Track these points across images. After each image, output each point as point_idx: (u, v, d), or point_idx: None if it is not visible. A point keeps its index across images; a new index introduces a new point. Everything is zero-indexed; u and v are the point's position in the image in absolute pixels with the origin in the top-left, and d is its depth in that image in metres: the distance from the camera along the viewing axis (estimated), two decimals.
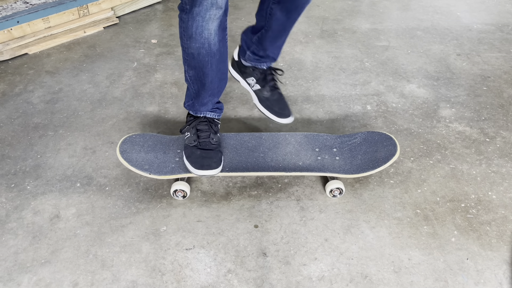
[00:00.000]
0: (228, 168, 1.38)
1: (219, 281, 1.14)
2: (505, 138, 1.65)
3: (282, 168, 1.39)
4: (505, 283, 1.15)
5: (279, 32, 1.41)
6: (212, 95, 1.36)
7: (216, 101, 1.40)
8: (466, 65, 2.12)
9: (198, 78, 1.29)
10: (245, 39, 1.50)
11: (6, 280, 1.13)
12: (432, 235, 1.27)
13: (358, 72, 2.04)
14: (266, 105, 1.51)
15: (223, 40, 1.24)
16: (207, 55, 1.22)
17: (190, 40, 1.19)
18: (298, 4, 1.32)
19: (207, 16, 1.13)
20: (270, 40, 1.43)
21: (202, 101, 1.37)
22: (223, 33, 1.22)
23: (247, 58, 1.50)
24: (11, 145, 1.57)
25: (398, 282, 1.15)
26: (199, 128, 1.39)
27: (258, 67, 1.51)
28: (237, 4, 2.71)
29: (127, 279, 1.14)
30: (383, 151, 1.42)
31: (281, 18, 1.35)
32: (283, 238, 1.26)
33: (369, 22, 2.53)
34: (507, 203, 1.38)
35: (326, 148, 1.47)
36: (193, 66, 1.26)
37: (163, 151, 1.43)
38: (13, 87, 1.88)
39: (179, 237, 1.25)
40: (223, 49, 1.26)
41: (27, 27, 2.12)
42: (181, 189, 1.34)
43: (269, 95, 1.51)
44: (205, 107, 1.39)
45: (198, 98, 1.36)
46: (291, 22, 1.38)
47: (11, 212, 1.32)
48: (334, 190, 1.36)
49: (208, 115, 1.41)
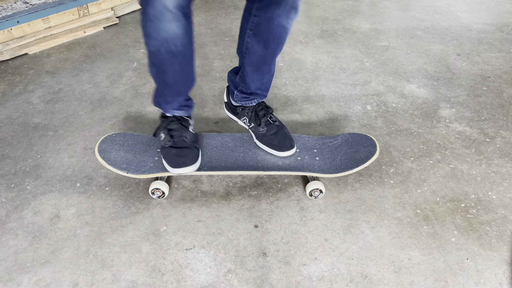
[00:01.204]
0: (206, 167, 1.38)
1: (219, 281, 1.14)
2: (505, 138, 1.65)
3: (261, 167, 1.39)
4: (505, 283, 1.15)
5: (260, 65, 1.35)
6: (177, 94, 1.36)
7: (183, 99, 1.39)
8: (466, 65, 2.12)
9: (160, 75, 1.29)
10: (231, 78, 1.47)
11: (6, 280, 1.13)
12: (432, 235, 1.27)
13: (358, 72, 2.04)
14: (264, 141, 1.45)
15: (187, 43, 1.22)
16: (167, 53, 1.21)
17: (149, 39, 1.19)
18: (276, 34, 1.26)
19: (163, 18, 1.13)
20: (252, 75, 1.38)
21: (166, 99, 1.37)
22: (186, 36, 1.20)
23: (235, 98, 1.47)
24: (11, 145, 1.57)
25: (398, 282, 1.15)
26: (170, 128, 1.38)
27: (247, 105, 1.47)
28: (237, 4, 2.71)
29: (127, 279, 1.14)
30: (363, 151, 1.42)
31: (259, 50, 1.31)
32: (283, 238, 1.26)
33: (369, 22, 2.53)
34: (507, 203, 1.38)
35: (307, 149, 1.47)
36: (153, 63, 1.26)
37: (143, 150, 1.43)
38: (13, 87, 1.88)
39: (179, 237, 1.25)
40: (187, 52, 1.24)
41: (27, 27, 2.12)
42: (157, 188, 1.35)
43: (265, 130, 1.46)
44: (171, 105, 1.38)
45: (162, 96, 1.37)
46: (270, 54, 1.32)
47: (11, 212, 1.32)
48: (314, 191, 1.36)
49: (176, 113, 1.40)
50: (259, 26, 1.26)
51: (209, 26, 2.46)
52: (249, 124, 1.49)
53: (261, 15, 1.24)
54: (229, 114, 1.56)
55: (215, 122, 1.71)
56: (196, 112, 1.76)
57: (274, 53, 1.33)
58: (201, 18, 2.55)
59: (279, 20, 1.23)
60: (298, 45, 2.27)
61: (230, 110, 1.54)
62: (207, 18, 2.55)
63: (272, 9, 1.21)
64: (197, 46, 2.25)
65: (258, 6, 1.24)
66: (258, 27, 1.27)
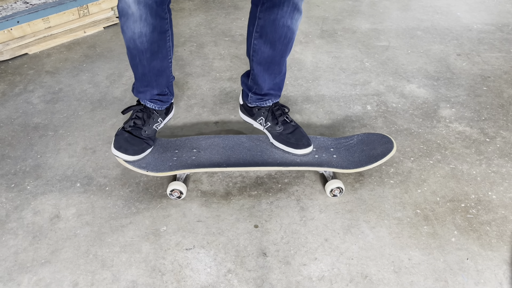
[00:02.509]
0: (225, 164, 1.40)
1: (219, 281, 1.14)
2: (505, 138, 1.65)
3: (280, 164, 1.40)
4: (505, 283, 1.15)
5: (269, 66, 1.37)
6: (149, 86, 1.40)
7: (156, 93, 1.44)
8: (466, 65, 2.12)
9: (132, 67, 1.36)
10: (244, 81, 1.49)
11: (6, 280, 1.13)
12: (432, 235, 1.27)
13: (358, 72, 2.04)
14: (281, 140, 1.47)
15: (157, 41, 1.29)
16: (134, 49, 1.28)
17: (122, 32, 1.27)
18: (281, 35, 1.29)
19: (128, 15, 1.21)
20: (263, 76, 1.40)
21: (139, 89, 1.43)
22: (155, 34, 1.27)
23: (250, 100, 1.49)
24: (11, 145, 1.57)
25: (398, 282, 1.15)
26: (135, 116, 1.44)
27: (263, 106, 1.49)
28: (237, 4, 2.71)
29: (127, 279, 1.14)
30: (380, 148, 1.43)
31: (266, 51, 1.33)
32: (283, 238, 1.26)
33: (369, 22, 2.53)
34: (507, 203, 1.38)
35: (323, 148, 1.48)
36: (128, 54, 1.33)
37: (160, 152, 1.44)
38: (13, 87, 1.88)
39: (179, 237, 1.25)
40: (156, 49, 1.31)
41: (27, 27, 2.12)
42: (176, 189, 1.34)
43: (282, 129, 1.47)
44: (143, 95, 1.44)
45: (136, 83, 1.42)
46: (279, 54, 1.34)
47: (11, 212, 1.32)
48: (334, 190, 1.36)
49: (148, 104, 1.45)
50: (264, 28, 1.29)
51: (209, 26, 2.46)
52: (265, 124, 1.50)
53: (265, 17, 1.27)
54: (244, 117, 1.57)
55: (215, 122, 1.71)
56: (196, 112, 1.76)
57: (283, 54, 1.35)
58: (201, 18, 2.55)
59: (283, 20, 1.26)
60: (298, 45, 2.27)
61: (246, 112, 1.54)
62: (207, 18, 2.55)
63: (275, 11, 1.25)
64: (197, 46, 2.25)
65: (261, 9, 1.27)
66: (263, 29, 1.30)
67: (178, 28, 2.45)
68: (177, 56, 2.16)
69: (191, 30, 2.42)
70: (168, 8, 1.29)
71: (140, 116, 1.44)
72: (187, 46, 2.25)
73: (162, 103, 1.47)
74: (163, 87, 1.44)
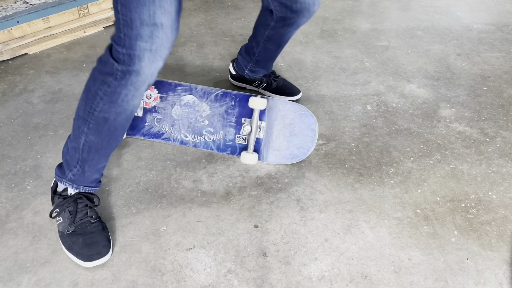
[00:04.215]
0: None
1: (219, 281, 1.14)
2: (505, 138, 1.65)
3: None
4: (505, 283, 1.15)
5: (274, 56, 1.67)
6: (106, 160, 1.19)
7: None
8: (466, 65, 2.12)
9: (99, 145, 1.11)
10: (242, 60, 1.74)
11: (6, 280, 1.13)
12: (432, 235, 1.27)
13: (358, 72, 2.04)
14: (278, 92, 1.78)
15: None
16: (126, 119, 1.08)
17: (110, 105, 1.03)
18: (287, 40, 1.56)
19: (145, 83, 1.01)
20: (267, 62, 1.70)
21: (90, 177, 1.19)
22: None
23: (246, 74, 1.77)
24: (11, 145, 1.57)
25: (398, 282, 1.15)
26: (72, 210, 1.19)
27: (258, 76, 1.78)
28: (237, 4, 2.71)
29: (127, 279, 1.14)
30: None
31: (273, 49, 1.60)
32: (283, 238, 1.26)
33: (369, 22, 2.53)
34: (507, 203, 1.38)
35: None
36: (99, 131, 1.08)
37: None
38: (13, 87, 1.88)
39: (179, 237, 1.25)
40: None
41: (27, 27, 2.12)
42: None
43: (276, 84, 1.78)
44: (89, 181, 1.20)
45: (84, 173, 1.16)
46: (282, 48, 1.62)
47: (11, 212, 1.32)
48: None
49: (89, 190, 1.22)
50: (274, 36, 1.55)
51: (209, 26, 2.46)
52: (261, 86, 1.79)
53: (276, 31, 1.51)
54: (236, 82, 1.86)
55: None
56: None
57: (289, 39, 1.60)
58: (201, 18, 2.55)
59: (290, 34, 1.54)
60: (298, 45, 2.27)
61: (239, 79, 1.83)
62: (207, 18, 2.55)
63: (286, 29, 1.49)
64: (197, 46, 2.25)
65: (274, 25, 1.49)
66: (273, 37, 1.55)
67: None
68: (177, 56, 2.16)
69: (191, 30, 2.42)
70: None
71: (79, 208, 1.21)
72: (187, 46, 2.25)
73: (100, 181, 1.27)
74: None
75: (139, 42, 0.94)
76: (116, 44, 0.97)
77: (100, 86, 1.02)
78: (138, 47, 0.94)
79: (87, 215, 1.20)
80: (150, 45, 0.95)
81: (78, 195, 1.21)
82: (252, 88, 1.84)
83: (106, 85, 1.01)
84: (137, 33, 0.93)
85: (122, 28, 0.95)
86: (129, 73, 0.98)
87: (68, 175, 1.18)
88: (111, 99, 1.02)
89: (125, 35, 0.95)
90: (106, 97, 1.02)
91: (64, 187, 1.21)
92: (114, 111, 1.04)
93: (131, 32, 0.93)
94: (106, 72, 1.01)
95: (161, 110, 1.53)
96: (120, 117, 1.05)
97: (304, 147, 1.47)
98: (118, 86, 1.00)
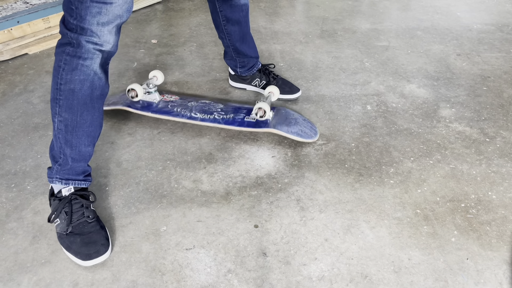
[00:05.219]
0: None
1: (219, 281, 1.14)
2: (505, 138, 1.65)
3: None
4: (505, 283, 1.15)
5: (244, 38, 1.69)
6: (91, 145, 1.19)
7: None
8: (466, 65, 2.12)
9: (74, 122, 1.11)
10: (230, 63, 1.81)
11: (6, 280, 1.13)
12: (432, 235, 1.27)
13: (358, 72, 2.04)
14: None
15: (105, 85, 1.15)
16: (91, 88, 1.10)
17: (73, 73, 1.07)
18: (242, 12, 1.61)
19: (102, 47, 1.07)
20: (242, 47, 1.71)
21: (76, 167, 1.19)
22: (105, 76, 1.14)
23: (240, 72, 1.81)
24: (11, 145, 1.57)
25: (398, 282, 1.15)
26: (68, 211, 1.19)
27: (254, 72, 1.81)
28: None
29: (127, 279, 1.14)
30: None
31: (237, 29, 1.65)
32: (283, 238, 1.26)
33: (369, 22, 2.53)
34: (507, 203, 1.38)
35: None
36: (70, 106, 1.09)
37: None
38: (13, 87, 1.88)
39: (179, 237, 1.25)
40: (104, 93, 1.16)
41: (27, 27, 2.12)
42: (133, 88, 1.63)
43: (275, 82, 1.80)
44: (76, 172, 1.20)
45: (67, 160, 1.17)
46: (245, 26, 1.66)
47: (11, 212, 1.32)
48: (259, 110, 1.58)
49: (79, 184, 1.22)
50: (227, 14, 1.60)
51: (209, 26, 2.46)
52: (261, 83, 1.82)
53: (224, 7, 1.58)
54: (237, 85, 1.88)
55: None
56: None
57: (247, 23, 1.66)
58: (201, 18, 2.55)
59: (238, 2, 1.57)
60: (298, 45, 2.27)
61: (239, 79, 1.86)
62: (207, 18, 2.55)
63: (231, 4, 1.57)
64: (197, 46, 2.25)
65: (221, 7, 1.59)
66: (227, 16, 1.61)
67: (178, 28, 2.45)
68: (177, 56, 2.16)
69: (191, 30, 2.42)
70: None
71: (75, 208, 1.21)
72: (187, 46, 2.25)
73: (90, 175, 1.29)
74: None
75: (88, 17, 1.02)
76: (69, 16, 1.04)
77: (61, 57, 1.08)
78: (88, 21, 1.02)
79: (83, 215, 1.21)
80: (99, 18, 1.02)
81: (72, 195, 1.22)
82: (252, 88, 1.86)
83: (65, 53, 1.07)
84: (87, 6, 1.00)
85: (73, 1, 1.01)
86: (84, 40, 1.05)
87: (55, 168, 1.21)
88: (71, 67, 1.07)
89: (76, 8, 1.01)
90: (67, 66, 1.07)
91: (59, 189, 1.22)
92: (78, 79, 1.08)
93: (81, 6, 1.01)
94: (63, 43, 1.08)
95: (178, 101, 1.72)
96: (85, 85, 1.09)
97: (308, 133, 1.60)
98: (75, 52, 1.06)
